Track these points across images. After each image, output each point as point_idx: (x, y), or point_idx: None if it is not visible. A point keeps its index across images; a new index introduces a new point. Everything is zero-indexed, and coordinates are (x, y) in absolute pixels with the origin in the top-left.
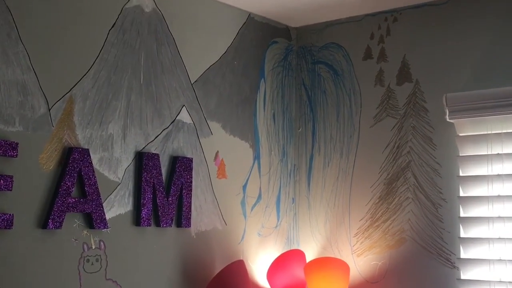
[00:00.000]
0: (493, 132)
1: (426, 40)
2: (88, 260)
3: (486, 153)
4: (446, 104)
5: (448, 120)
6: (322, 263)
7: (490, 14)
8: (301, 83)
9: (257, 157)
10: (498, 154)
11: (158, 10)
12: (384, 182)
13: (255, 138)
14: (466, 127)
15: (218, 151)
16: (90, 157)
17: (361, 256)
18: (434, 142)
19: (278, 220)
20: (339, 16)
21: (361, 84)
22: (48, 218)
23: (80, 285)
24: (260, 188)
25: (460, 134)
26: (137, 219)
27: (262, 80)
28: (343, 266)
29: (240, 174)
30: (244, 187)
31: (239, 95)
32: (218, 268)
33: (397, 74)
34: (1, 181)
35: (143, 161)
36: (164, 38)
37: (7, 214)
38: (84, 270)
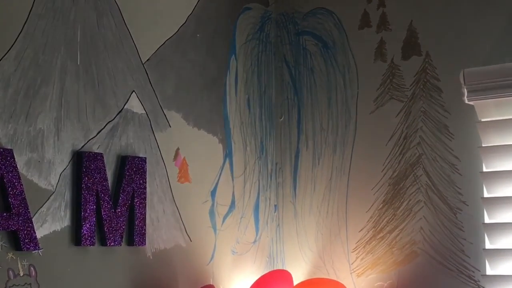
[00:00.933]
0: None
1: (437, 1)
2: None
3: None
4: (464, 82)
5: (467, 102)
6: (313, 286)
7: None
8: (282, 60)
9: (228, 154)
10: None
11: None
12: (389, 182)
13: (226, 130)
14: (489, 111)
15: (178, 148)
16: (14, 159)
17: (362, 276)
18: (451, 131)
19: (256, 233)
20: None
21: (358, 60)
22: None
23: None
24: (233, 193)
25: (483, 120)
26: (76, 237)
27: (233, 57)
28: None
29: (207, 176)
30: (213, 192)
31: (203, 77)
32: None
33: (402, 45)
34: None
35: (83, 163)
36: (106, 6)
37: None
38: None
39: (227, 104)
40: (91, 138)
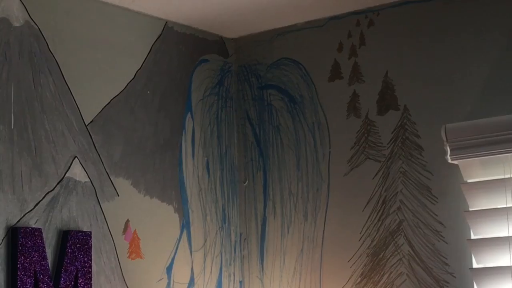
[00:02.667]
0: None
1: (415, 50)
2: None
3: (505, 205)
4: (447, 139)
5: (450, 161)
6: None
7: (504, 12)
8: (244, 117)
9: (185, 225)
10: None
11: (33, 24)
12: (367, 252)
13: (182, 198)
14: (475, 171)
15: (128, 220)
16: None
17: None
18: (434, 193)
19: None
20: (294, 21)
21: (329, 115)
22: None
23: None
24: (192, 269)
25: (469, 181)
26: None
27: (189, 115)
28: None
29: (162, 251)
30: (169, 269)
31: (155, 139)
32: None
33: (377, 99)
34: None
35: (19, 240)
36: (43, 63)
37: None
38: None
39: (183, 169)
40: (28, 212)
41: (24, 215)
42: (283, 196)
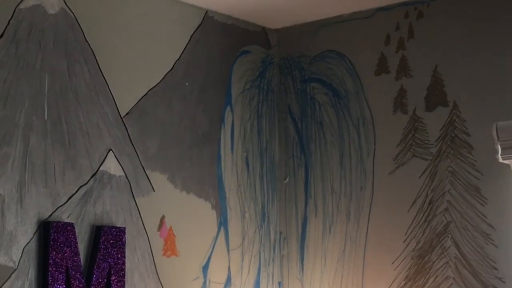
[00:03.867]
0: None
1: (466, 43)
2: None
3: None
4: (498, 138)
5: (501, 160)
6: None
7: None
8: (286, 112)
9: (223, 223)
10: None
11: (69, 11)
12: (412, 255)
13: (220, 194)
14: None
15: (164, 216)
16: None
17: None
18: (483, 194)
19: None
20: (340, 12)
21: (375, 111)
22: None
23: None
24: (229, 268)
25: None
26: None
27: (228, 108)
28: None
29: (198, 249)
30: (205, 268)
31: (193, 133)
32: None
33: (426, 94)
34: None
35: (51, 235)
36: (78, 53)
37: None
38: None
39: (221, 164)
40: (60, 206)
41: (56, 209)
42: (325, 194)
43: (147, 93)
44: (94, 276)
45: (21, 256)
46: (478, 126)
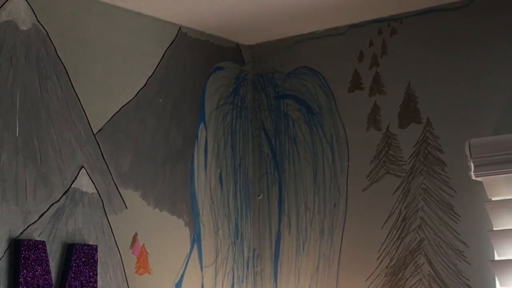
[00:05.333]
0: None
1: (439, 60)
2: None
3: None
4: (471, 155)
5: (474, 178)
6: None
7: None
8: (260, 128)
9: (196, 239)
10: None
11: (41, 27)
12: (385, 272)
13: (193, 211)
14: (500, 188)
15: (136, 234)
16: None
17: None
18: (456, 211)
19: None
20: (314, 28)
21: (348, 128)
22: None
23: None
24: (202, 286)
25: (493, 199)
26: None
27: (202, 125)
28: None
29: (171, 266)
30: (178, 285)
31: (166, 149)
32: None
33: (399, 111)
34: None
35: (21, 253)
36: (50, 69)
37: None
38: None
39: (195, 181)
40: (32, 223)
41: (27, 227)
42: (299, 211)
43: (120, 109)
44: None
45: None
46: (451, 143)
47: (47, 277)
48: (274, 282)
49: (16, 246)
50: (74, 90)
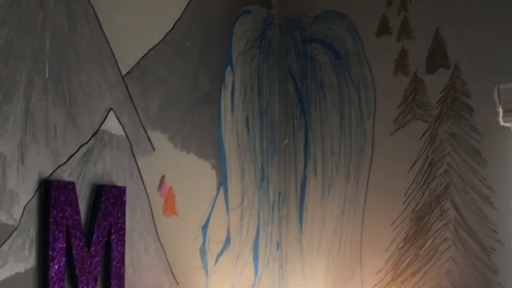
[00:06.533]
0: None
1: (470, 5)
2: None
3: None
4: (500, 100)
5: (502, 123)
6: None
7: None
8: (286, 72)
9: (223, 183)
10: None
11: None
12: (411, 216)
13: (220, 155)
14: None
15: (164, 176)
16: None
17: None
18: (483, 157)
19: (256, 275)
20: None
21: (375, 72)
22: None
23: None
24: (228, 228)
25: None
26: (43, 280)
27: (229, 68)
28: None
29: (198, 209)
30: (205, 227)
31: (194, 92)
32: None
33: (427, 56)
34: None
35: (52, 194)
36: (80, 11)
37: None
38: None
39: (221, 124)
40: (61, 165)
41: (57, 168)
42: (325, 155)
43: (147, 52)
44: (95, 235)
45: (22, 215)
46: (479, 89)
47: (76, 217)
48: (299, 225)
49: (46, 186)
50: (103, 32)
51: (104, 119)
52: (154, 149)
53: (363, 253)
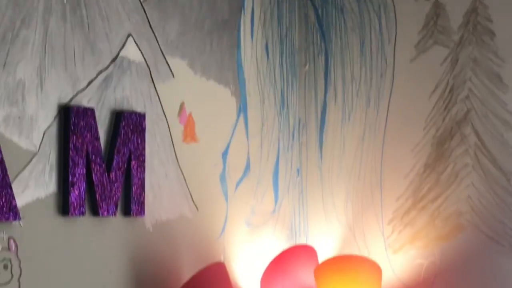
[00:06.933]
0: None
1: None
2: None
3: None
4: None
5: None
6: (341, 264)
7: None
8: None
9: (243, 109)
10: None
11: None
12: (431, 142)
13: (240, 81)
14: None
15: (183, 102)
16: None
17: (399, 253)
18: (505, 82)
19: (276, 202)
20: None
21: None
22: None
23: None
24: (248, 155)
25: None
26: (64, 206)
27: None
28: (373, 268)
29: (218, 135)
30: (225, 154)
31: (213, 18)
32: (187, 274)
33: None
34: None
35: (71, 120)
36: None
37: None
38: None
39: (241, 50)
40: (81, 90)
41: (76, 94)
42: (345, 81)
43: None
44: (115, 161)
45: (42, 140)
46: (502, 13)
47: (96, 143)
48: (319, 152)
49: (66, 112)
50: None
51: (123, 45)
52: (173, 76)
53: (383, 179)
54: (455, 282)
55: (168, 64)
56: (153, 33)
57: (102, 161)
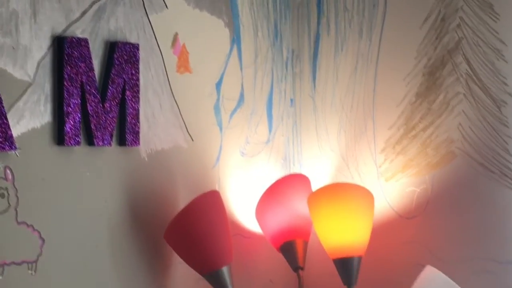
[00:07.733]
0: None
1: None
2: None
3: None
4: None
5: None
6: (334, 191)
7: None
8: None
9: (236, 40)
10: None
11: None
12: (423, 71)
13: (233, 11)
14: None
15: (177, 33)
16: None
17: (391, 181)
18: (496, 10)
19: (270, 131)
20: None
21: None
22: None
23: None
24: (242, 85)
25: None
26: (59, 135)
27: None
28: (365, 196)
29: (211, 66)
30: (218, 85)
31: None
32: (182, 203)
33: None
34: None
35: (65, 50)
36: None
37: None
38: None
39: None
40: (74, 21)
41: (70, 25)
42: (338, 12)
43: None
44: (109, 91)
45: (36, 71)
46: None
47: (90, 74)
48: (313, 82)
49: (60, 43)
50: None
51: None
52: (167, 7)
53: (376, 109)
54: (446, 209)
55: None
56: None
57: (97, 92)
